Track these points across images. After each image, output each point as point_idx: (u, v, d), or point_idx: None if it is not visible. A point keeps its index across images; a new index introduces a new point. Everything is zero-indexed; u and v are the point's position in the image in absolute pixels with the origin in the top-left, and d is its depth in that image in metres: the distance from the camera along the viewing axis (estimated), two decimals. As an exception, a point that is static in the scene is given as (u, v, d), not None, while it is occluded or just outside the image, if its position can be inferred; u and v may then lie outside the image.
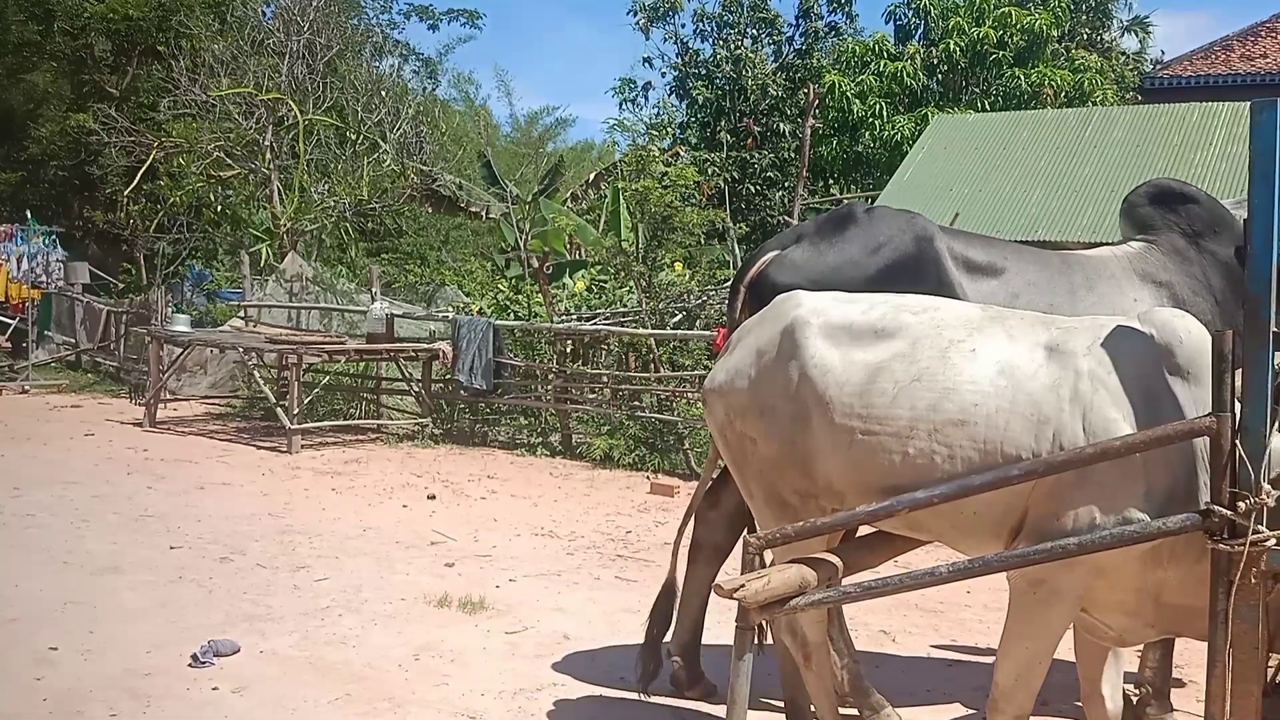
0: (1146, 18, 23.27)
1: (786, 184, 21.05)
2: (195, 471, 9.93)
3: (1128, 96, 20.80)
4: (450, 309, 14.08)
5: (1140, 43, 23.31)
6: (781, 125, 22.31)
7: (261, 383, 13.13)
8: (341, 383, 13.81)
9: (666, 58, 23.97)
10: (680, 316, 11.92)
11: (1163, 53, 24.04)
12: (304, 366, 11.96)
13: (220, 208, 19.93)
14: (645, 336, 11.28)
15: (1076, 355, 3.23)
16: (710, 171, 20.74)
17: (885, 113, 20.38)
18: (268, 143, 18.79)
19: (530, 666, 5.18)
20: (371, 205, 19.67)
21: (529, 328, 12.33)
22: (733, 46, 22.97)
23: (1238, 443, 2.84)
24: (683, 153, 20.83)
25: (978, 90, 20.52)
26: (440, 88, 30.68)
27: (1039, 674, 3.30)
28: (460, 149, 27.01)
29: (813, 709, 4.06)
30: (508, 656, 5.32)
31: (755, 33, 23.64)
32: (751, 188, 21.95)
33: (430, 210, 22.48)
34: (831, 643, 4.35)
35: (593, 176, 22.07)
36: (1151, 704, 4.53)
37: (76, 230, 23.91)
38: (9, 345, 17.51)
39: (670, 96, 24.16)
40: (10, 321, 17.84)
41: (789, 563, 3.35)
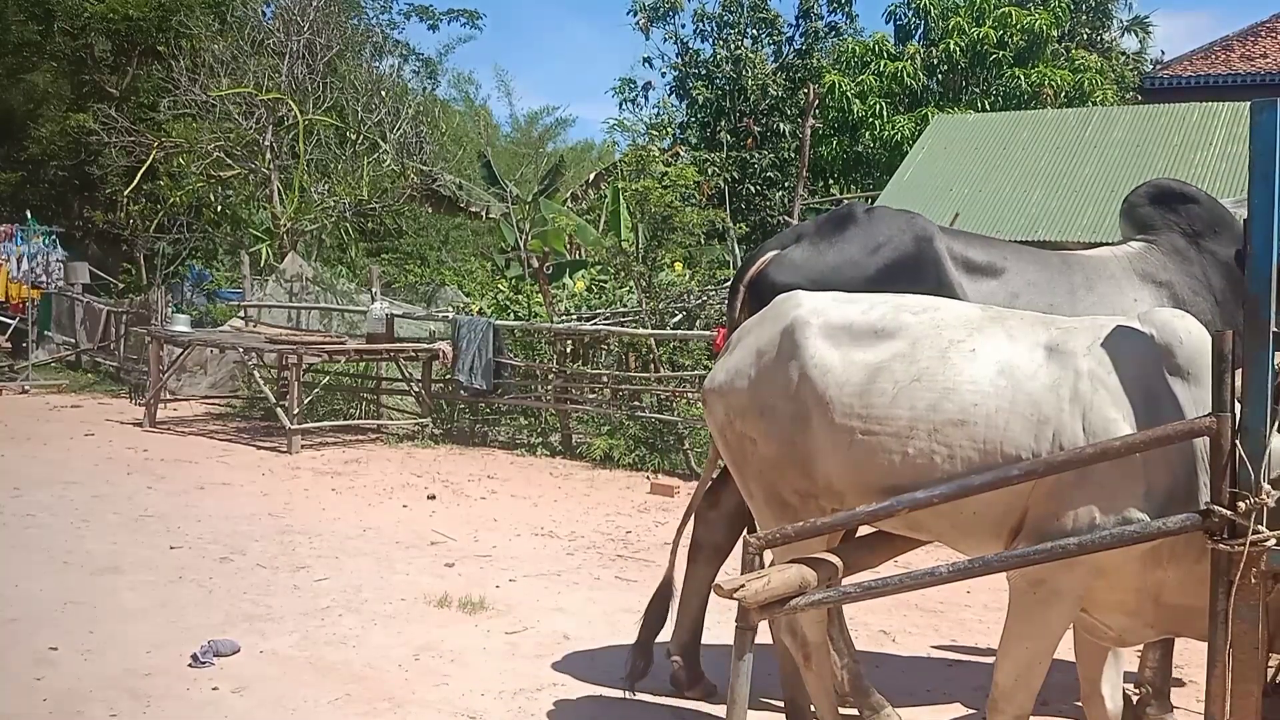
0: (1146, 18, 23.31)
1: (786, 184, 21.04)
2: (195, 471, 9.93)
3: (1128, 96, 20.79)
4: (450, 309, 14.08)
5: (1140, 43, 23.34)
6: (781, 125, 22.31)
7: (261, 383, 13.13)
8: (341, 383, 13.81)
9: (666, 58, 23.99)
10: (680, 316, 11.92)
11: (1163, 53, 24.09)
12: (304, 366, 11.96)
13: (220, 208, 19.92)
14: (645, 336, 11.28)
15: (1076, 355, 3.23)
16: (710, 171, 20.73)
17: (885, 113, 20.38)
18: (268, 143, 18.79)
19: (530, 666, 5.18)
20: (371, 205, 19.66)
21: (529, 328, 12.33)
22: (733, 46, 22.96)
23: (1238, 443, 2.84)
24: (683, 153, 20.82)
25: (978, 90, 20.51)
26: (440, 88, 30.76)
27: (1039, 674, 3.30)
28: (460, 149, 27.00)
29: (813, 709, 4.06)
30: (508, 656, 5.32)
31: (755, 33, 23.63)
32: (751, 188, 21.94)
33: (430, 210, 22.47)
34: (831, 643, 4.35)
35: (593, 176, 22.05)
36: (1151, 704, 4.53)
37: (76, 230, 23.90)
38: (9, 345, 17.51)
39: (670, 96, 24.19)
40: (10, 321, 17.84)
41: (789, 563, 3.35)
